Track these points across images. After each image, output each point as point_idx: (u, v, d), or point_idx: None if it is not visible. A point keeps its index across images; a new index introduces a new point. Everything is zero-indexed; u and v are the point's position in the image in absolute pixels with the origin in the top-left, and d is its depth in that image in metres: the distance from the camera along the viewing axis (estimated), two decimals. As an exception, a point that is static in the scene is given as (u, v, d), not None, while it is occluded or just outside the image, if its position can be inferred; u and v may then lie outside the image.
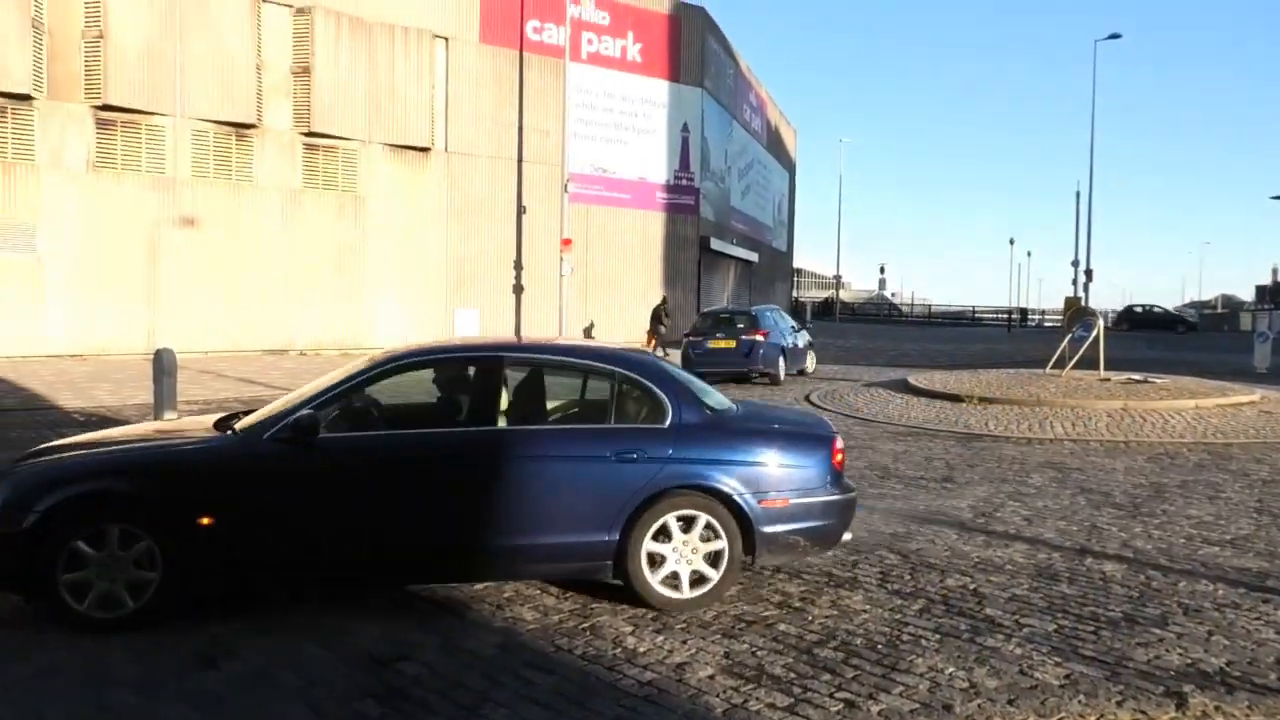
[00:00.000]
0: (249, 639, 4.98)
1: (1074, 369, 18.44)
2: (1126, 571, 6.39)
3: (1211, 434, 12.70)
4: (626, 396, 5.90)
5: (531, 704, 4.25)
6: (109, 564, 5.05)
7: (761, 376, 19.56)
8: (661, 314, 28.19)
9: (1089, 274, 45.27)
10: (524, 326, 29.03)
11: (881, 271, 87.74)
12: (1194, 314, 67.99)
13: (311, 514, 5.36)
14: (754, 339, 19.18)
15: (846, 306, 77.25)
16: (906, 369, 22.57)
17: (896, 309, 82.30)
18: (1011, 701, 4.31)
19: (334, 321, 25.36)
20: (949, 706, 4.25)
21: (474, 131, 28.19)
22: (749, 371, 19.45)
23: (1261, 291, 68.98)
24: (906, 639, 5.08)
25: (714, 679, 4.54)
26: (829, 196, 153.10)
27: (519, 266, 29.02)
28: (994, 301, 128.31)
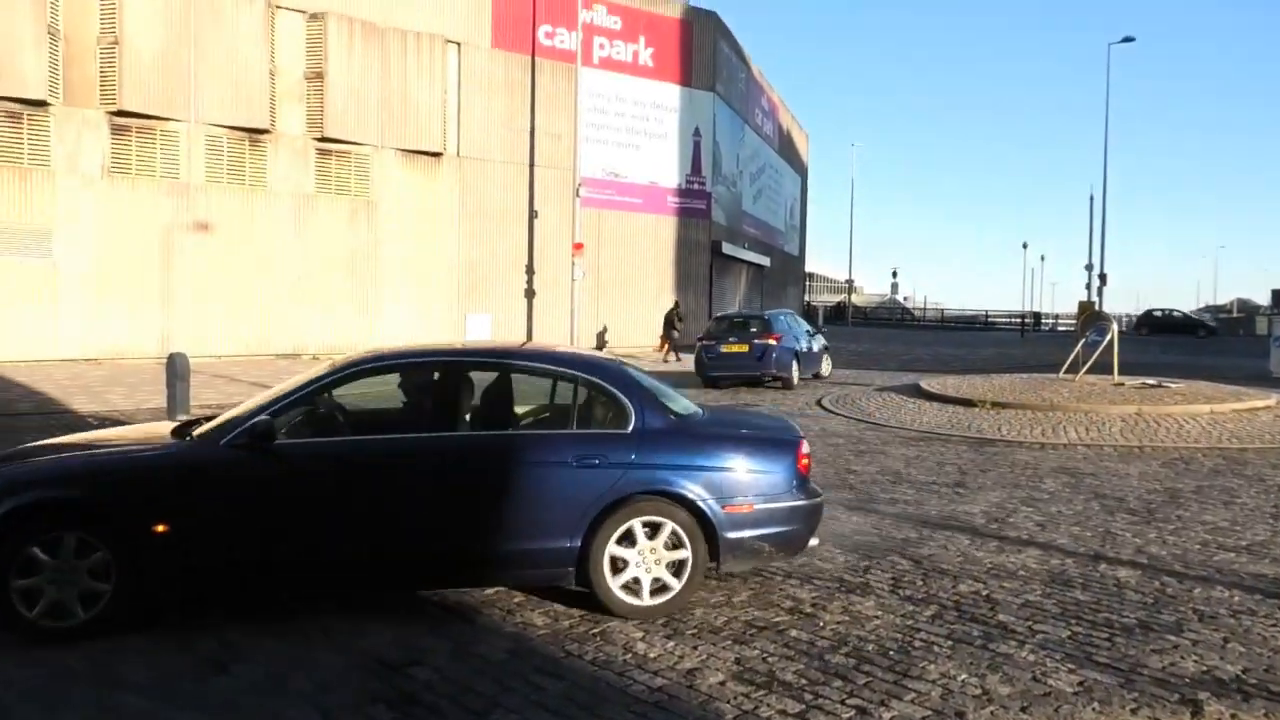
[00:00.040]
0: (260, 643, 4.99)
1: (1087, 374, 18.36)
2: (1141, 577, 6.35)
3: (1227, 439, 12.61)
4: (589, 402, 5.88)
5: (541, 710, 4.25)
6: (63, 572, 4.99)
7: (774, 380, 19.55)
8: (674, 318, 28.23)
9: (1103, 278, 45.03)
10: (536, 331, 29.07)
11: (894, 276, 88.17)
12: (1210, 318, 67.41)
13: (270, 521, 5.28)
14: (767, 343, 19.17)
15: (859, 311, 77.15)
16: (919, 373, 22.52)
17: (909, 313, 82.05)
18: (1025, 709, 4.28)
19: (346, 326, 25.43)
20: (961, 714, 4.23)
21: (486, 136, 28.26)
22: (762, 375, 19.46)
23: (1278, 295, 68.46)
24: (919, 645, 5.06)
25: (725, 685, 4.53)
26: (841, 200, 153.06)
27: (530, 271, 29.07)
28: (1007, 306, 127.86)
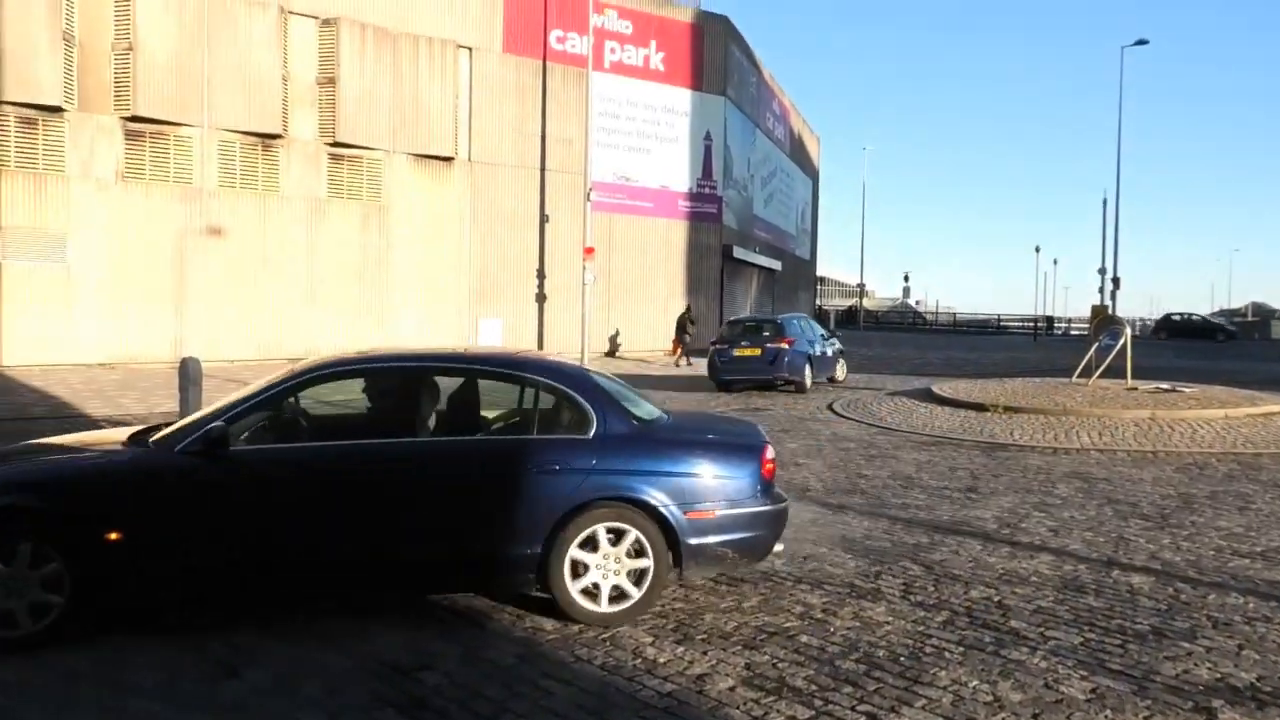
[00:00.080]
0: (271, 647, 5.00)
1: (1101, 378, 18.27)
2: (1154, 584, 6.31)
3: (1241, 444, 12.52)
4: (550, 407, 5.85)
5: (550, 715, 4.24)
6: (16, 581, 4.91)
7: (787, 384, 19.59)
8: (686, 322, 28.23)
9: (1116, 282, 44.75)
10: (547, 335, 29.11)
11: (906, 279, 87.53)
12: (1228, 321, 66.67)
13: (227, 528, 5.21)
14: (779, 347, 19.22)
15: (870, 315, 76.96)
16: (930, 377, 22.46)
17: (921, 317, 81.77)
18: (1036, 716, 4.25)
19: (358, 330, 25.47)
20: (973, 720, 4.21)
21: (497, 141, 28.32)
22: (774, 379, 19.51)
23: (1294, 298, 67.81)
24: (930, 651, 5.04)
25: (735, 691, 4.52)
26: (853, 204, 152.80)
27: (542, 276, 29.11)
28: (1019, 309, 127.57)
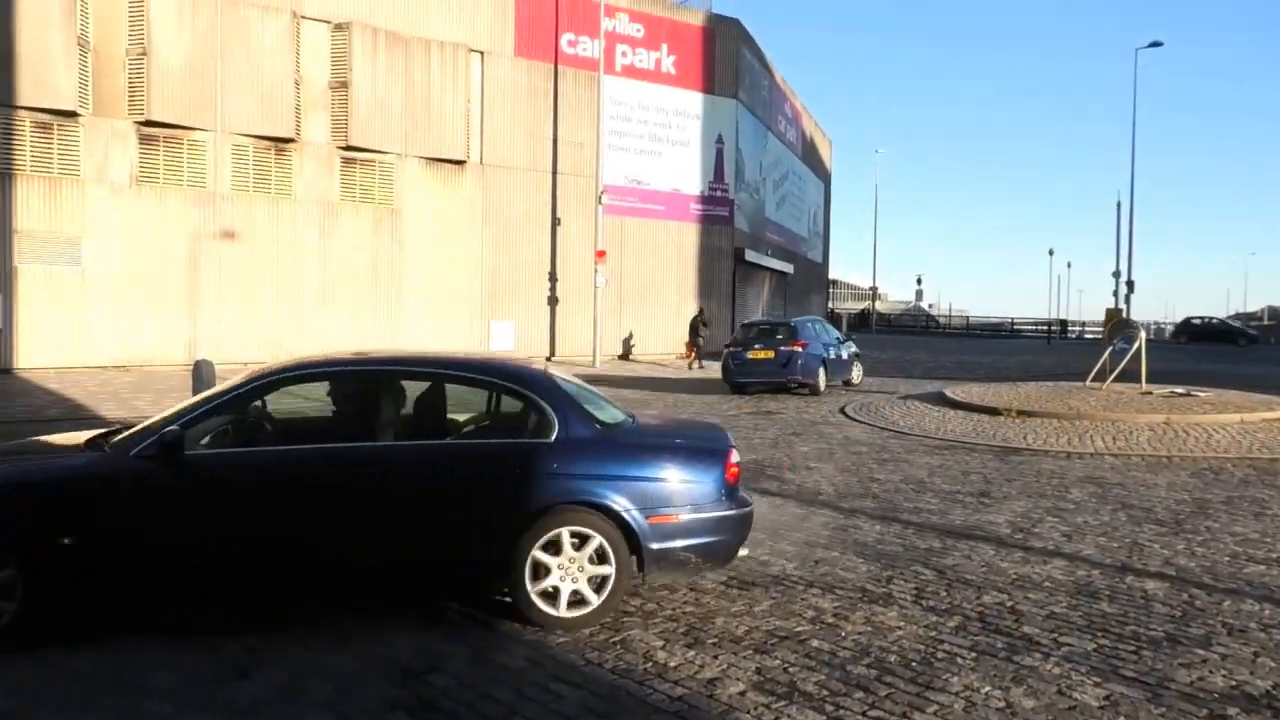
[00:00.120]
0: (282, 649, 5.01)
1: (1115, 382, 18.16)
2: (1169, 590, 6.26)
3: (1257, 449, 12.43)
4: (512, 411, 5.83)
5: (560, 718, 4.24)
6: None
7: (801, 387, 19.63)
8: (699, 324, 28.22)
9: (1130, 285, 44.55)
10: (559, 338, 29.14)
11: (918, 283, 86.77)
12: (1247, 325, 65.91)
13: (183, 533, 5.16)
14: (793, 350, 19.26)
15: (883, 318, 76.76)
16: (943, 381, 22.37)
17: (934, 320, 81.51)
18: (1049, 722, 4.23)
19: (371, 333, 25.55)
20: (985, 726, 4.18)
21: (509, 144, 28.37)
22: (787, 381, 19.55)
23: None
24: (941, 657, 5.01)
25: (745, 695, 4.50)
26: (866, 207, 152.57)
27: (553, 279, 29.14)
28: (1033, 313, 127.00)
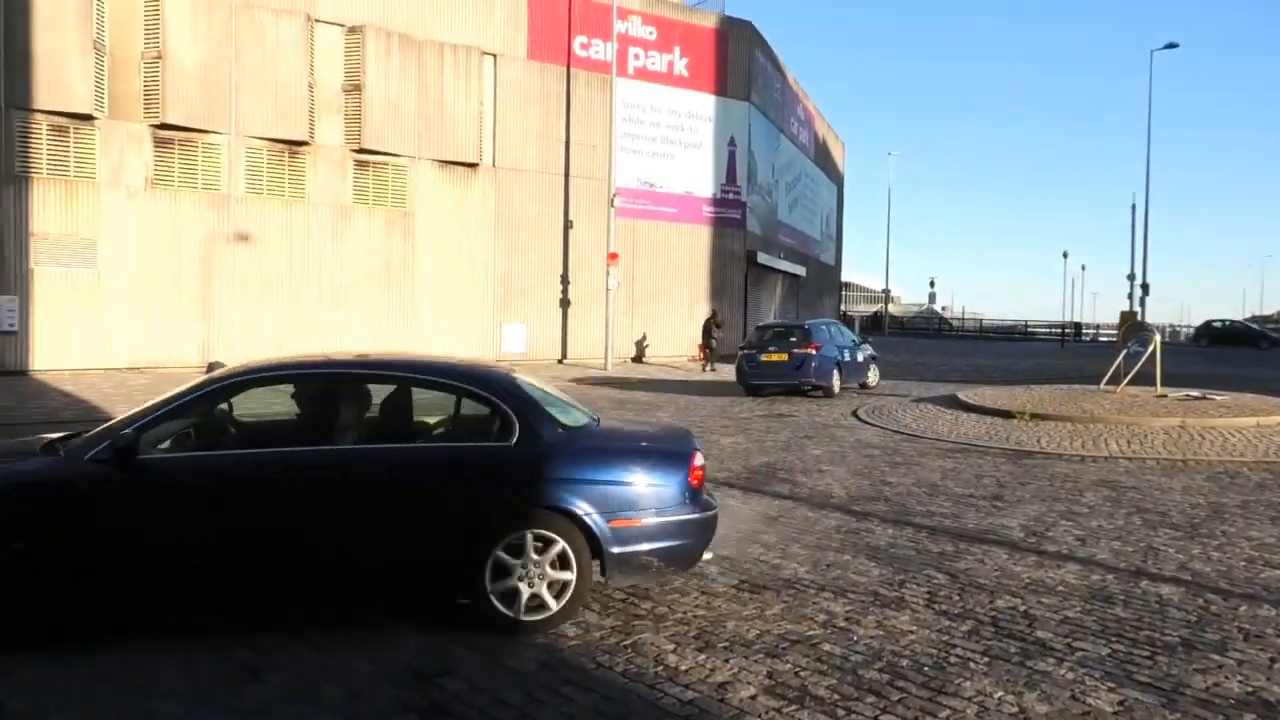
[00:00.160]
0: (294, 651, 5.02)
1: (1129, 385, 18.07)
2: (1184, 594, 6.22)
3: (1274, 453, 12.33)
4: (473, 414, 5.78)
5: (571, 722, 4.23)
6: None
7: (815, 389, 19.69)
8: (712, 326, 28.20)
9: (1145, 288, 44.34)
10: (570, 340, 29.15)
11: (931, 285, 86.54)
12: (1260, 326, 65.14)
13: (137, 537, 5.10)
14: (806, 352, 19.34)
15: (895, 321, 76.55)
16: (956, 384, 22.28)
17: (946, 323, 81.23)
18: (1063, 728, 4.20)
19: (383, 335, 25.63)
20: (998, 732, 4.16)
21: (521, 147, 28.41)
22: (801, 384, 19.62)
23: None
24: (954, 661, 4.99)
25: (756, 699, 4.49)
26: (878, 210, 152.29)
27: (565, 281, 29.16)
28: (1047, 316, 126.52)
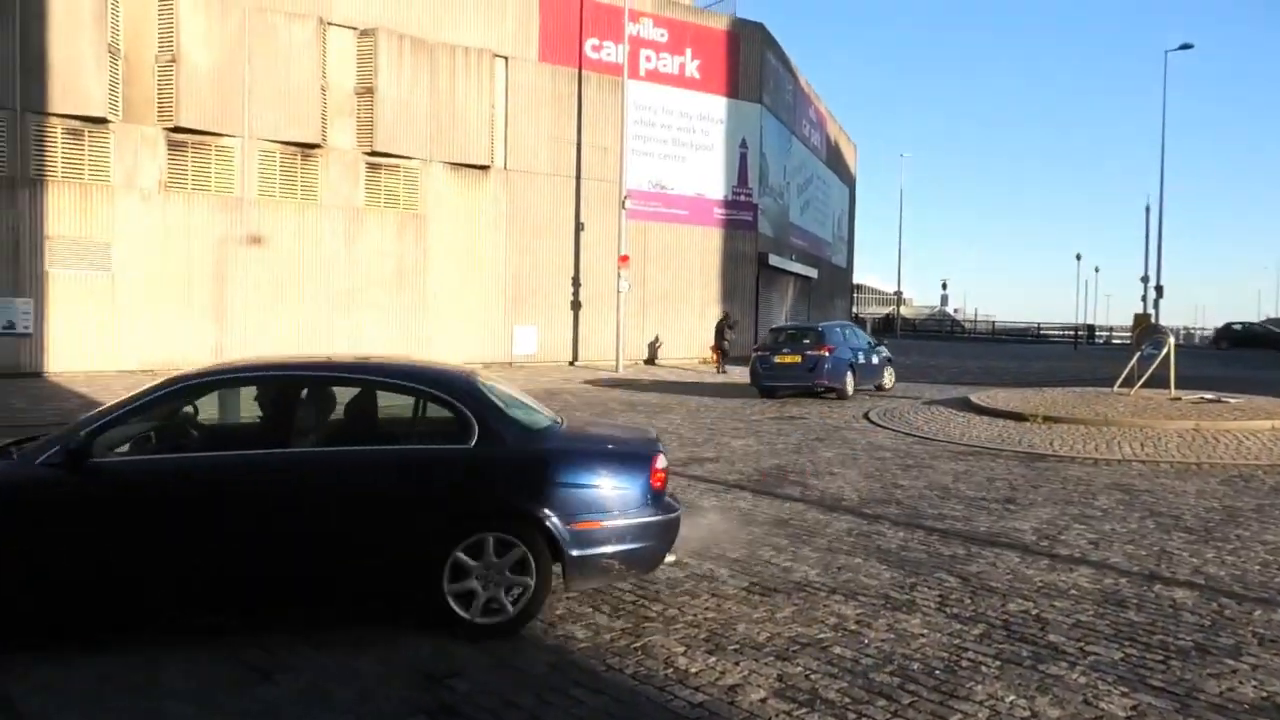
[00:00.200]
0: (304, 652, 5.03)
1: (1143, 388, 17.97)
2: (1198, 599, 6.17)
3: (1289, 456, 12.24)
4: (431, 415, 5.74)
5: (581, 724, 4.23)
6: None
7: (828, 391, 19.75)
8: (725, 328, 28.18)
9: (1159, 290, 44.13)
10: (582, 342, 29.18)
11: (944, 287, 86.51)
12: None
13: (89, 541, 5.02)
14: (819, 354, 19.44)
15: (907, 323, 76.37)
16: (968, 386, 22.20)
17: (959, 325, 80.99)
18: (1075, 732, 4.17)
19: (396, 338, 25.70)
20: (1009, 736, 4.13)
21: (533, 149, 28.46)
22: (814, 386, 19.70)
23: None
24: (966, 665, 4.96)
25: (766, 702, 4.47)
26: (890, 212, 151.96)
27: (577, 283, 29.18)
28: (1060, 318, 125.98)
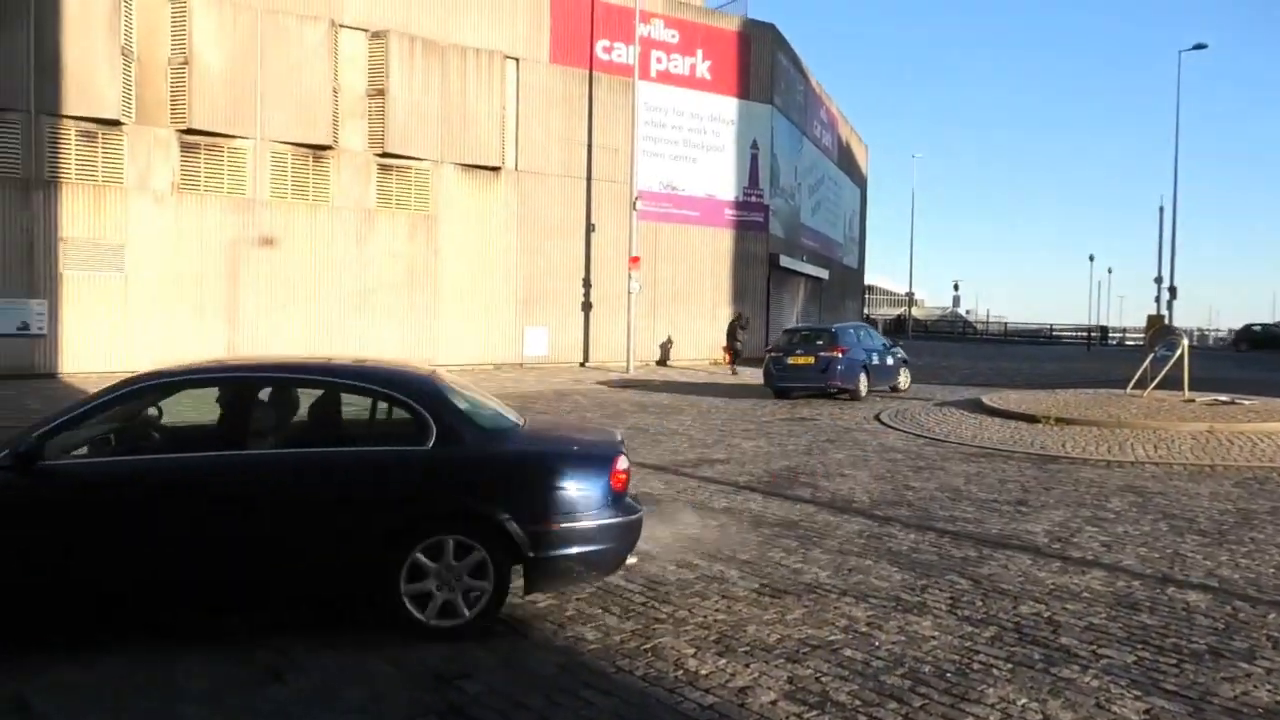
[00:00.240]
0: (316, 653, 5.04)
1: (1156, 389, 17.89)
2: (1211, 602, 6.13)
3: (1304, 458, 12.16)
4: (388, 416, 5.73)
5: (591, 726, 4.23)
6: None
7: (841, 392, 19.79)
8: (737, 329, 28.16)
9: (1173, 291, 43.97)
10: (592, 343, 29.20)
11: (955, 288, 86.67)
12: None
13: (40, 544, 5.02)
14: (832, 355, 19.50)
15: (919, 324, 76.23)
16: (980, 388, 22.13)
17: (971, 326, 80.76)
18: (1087, 736, 4.15)
19: (407, 339, 25.77)
20: (1021, 740, 4.11)
21: (543, 150, 28.49)
22: (827, 387, 19.76)
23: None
24: (977, 668, 4.94)
25: (776, 705, 4.46)
26: (902, 212, 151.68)
27: (588, 284, 29.20)
28: (1072, 319, 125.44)
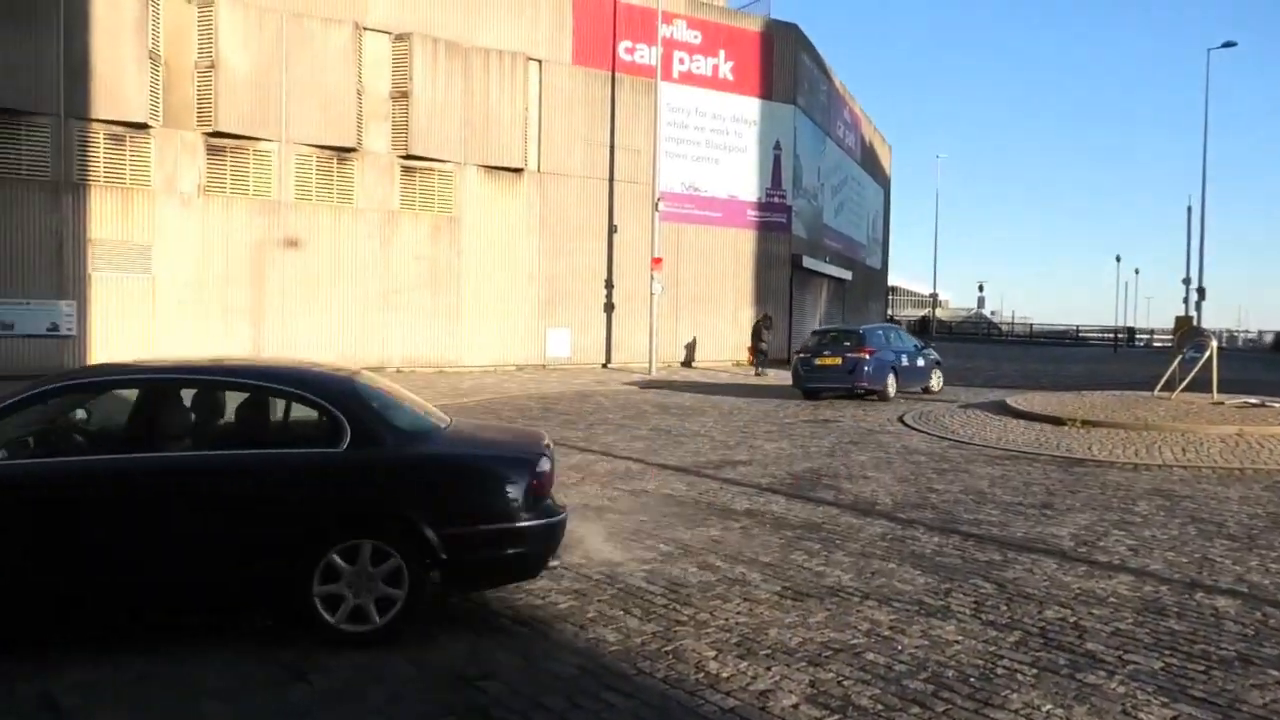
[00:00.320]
0: (338, 653, 5.06)
1: (1184, 391, 17.70)
2: (1241, 607, 6.05)
3: (1336, 461, 11.98)
4: (301, 418, 5.68)
5: (611, 728, 4.22)
6: None
7: (869, 393, 19.77)
8: (762, 329, 28.10)
9: (1201, 292, 43.42)
10: (615, 344, 29.22)
11: (980, 289, 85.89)
12: None
13: None
14: (860, 357, 19.51)
15: (944, 325, 75.80)
16: (1005, 390, 21.97)
17: (995, 328, 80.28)
18: (1114, 743, 4.10)
19: (429, 339, 25.89)
20: (1046, 746, 4.07)
21: (566, 151, 28.54)
22: (854, 388, 19.76)
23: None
24: (1001, 673, 4.89)
25: (798, 708, 4.44)
26: (926, 213, 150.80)
27: (610, 285, 29.22)
28: (1099, 320, 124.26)
